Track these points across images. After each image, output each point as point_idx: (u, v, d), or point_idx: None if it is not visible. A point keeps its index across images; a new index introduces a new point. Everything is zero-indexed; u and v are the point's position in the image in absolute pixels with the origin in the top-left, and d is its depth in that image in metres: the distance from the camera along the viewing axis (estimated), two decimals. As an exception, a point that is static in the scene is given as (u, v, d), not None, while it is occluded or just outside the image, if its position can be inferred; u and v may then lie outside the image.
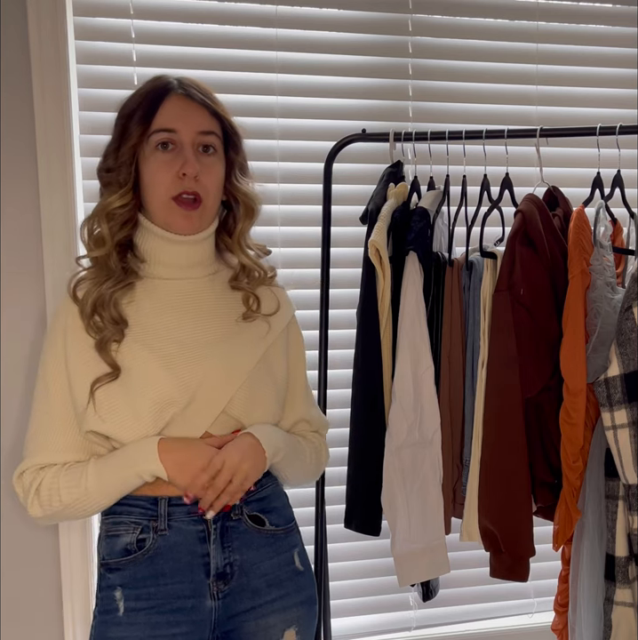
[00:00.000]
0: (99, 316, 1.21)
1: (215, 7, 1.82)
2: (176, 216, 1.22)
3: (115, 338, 1.21)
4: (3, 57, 1.68)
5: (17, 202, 1.73)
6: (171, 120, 1.20)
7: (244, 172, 1.31)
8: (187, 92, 1.23)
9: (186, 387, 1.21)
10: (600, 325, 1.53)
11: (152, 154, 1.21)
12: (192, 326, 1.25)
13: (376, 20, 1.90)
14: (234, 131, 1.28)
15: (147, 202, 1.24)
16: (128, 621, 1.19)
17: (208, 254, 1.30)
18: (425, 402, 1.62)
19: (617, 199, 1.65)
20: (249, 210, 1.30)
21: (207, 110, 1.23)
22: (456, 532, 1.70)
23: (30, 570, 1.83)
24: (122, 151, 1.21)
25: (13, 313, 1.75)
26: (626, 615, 1.54)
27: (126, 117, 1.22)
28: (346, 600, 2.05)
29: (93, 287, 1.23)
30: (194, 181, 1.20)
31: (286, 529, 1.31)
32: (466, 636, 2.13)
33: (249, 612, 1.25)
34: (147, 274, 1.27)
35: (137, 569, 1.20)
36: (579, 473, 1.58)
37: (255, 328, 1.30)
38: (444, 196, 1.71)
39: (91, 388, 1.19)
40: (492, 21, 1.97)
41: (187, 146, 1.21)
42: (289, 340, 1.37)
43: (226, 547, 1.23)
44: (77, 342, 1.22)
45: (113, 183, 1.22)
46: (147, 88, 1.23)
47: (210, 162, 1.23)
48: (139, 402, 1.19)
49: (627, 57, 2.04)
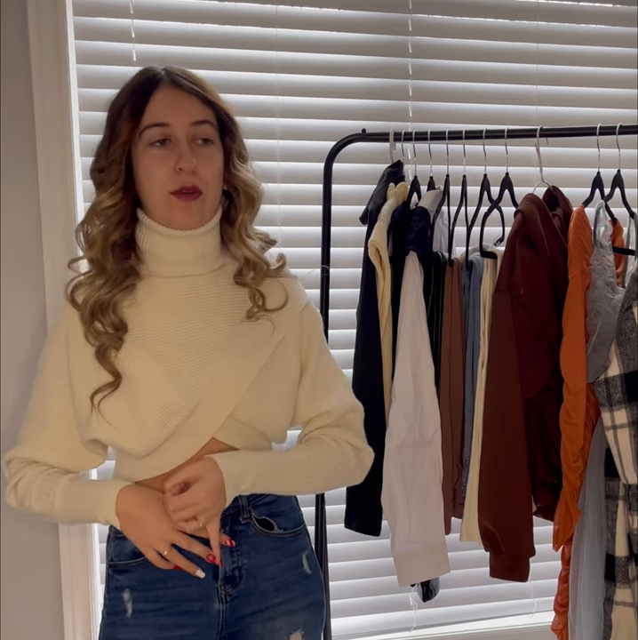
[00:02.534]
0: (99, 322, 1.19)
1: (215, 7, 1.82)
2: (176, 210, 1.18)
3: (114, 345, 1.19)
4: (4, 57, 1.68)
5: (17, 202, 1.73)
6: (162, 114, 1.16)
7: (243, 158, 1.26)
8: (175, 82, 1.18)
9: (191, 393, 1.18)
10: (600, 325, 1.53)
11: (145, 150, 1.17)
12: (196, 328, 1.21)
13: (376, 20, 1.90)
14: (228, 117, 1.22)
15: (146, 199, 1.20)
16: (136, 623, 1.19)
17: (212, 247, 1.25)
18: (425, 402, 1.62)
19: (617, 199, 1.65)
20: (249, 199, 1.25)
21: (198, 99, 1.18)
22: (456, 531, 1.70)
23: (30, 570, 1.83)
24: (112, 149, 1.17)
25: (13, 313, 1.75)
26: (626, 615, 1.54)
27: (115, 115, 1.18)
28: (346, 600, 2.04)
29: (92, 292, 1.20)
30: (192, 175, 1.16)
31: (295, 532, 1.29)
32: (466, 635, 2.13)
33: (256, 615, 1.24)
34: (149, 272, 1.23)
35: (145, 571, 1.19)
36: (579, 473, 1.58)
37: (260, 328, 1.25)
38: (444, 196, 1.71)
39: (92, 397, 1.17)
40: (492, 21, 1.97)
41: (181, 139, 1.16)
42: (303, 331, 1.30)
43: (234, 551, 1.22)
44: (79, 348, 1.20)
45: (105, 183, 1.19)
46: (135, 82, 1.19)
47: (207, 152, 1.19)
48: (142, 411, 1.16)
49: (627, 57, 2.04)
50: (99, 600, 1.85)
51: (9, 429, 1.70)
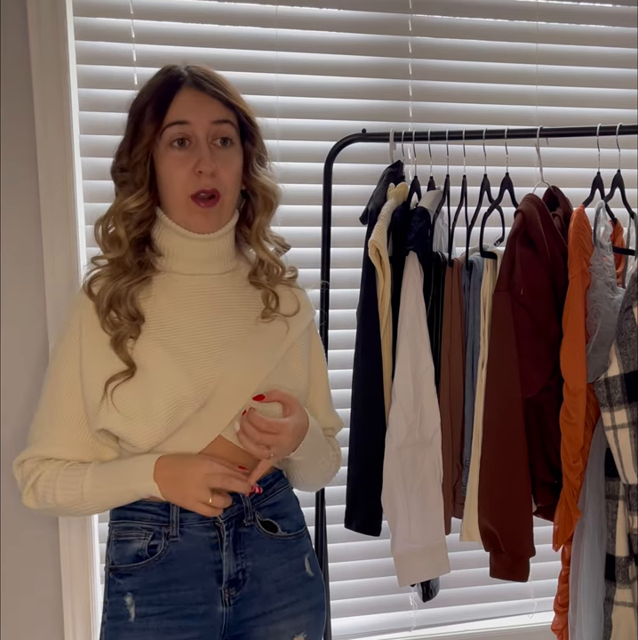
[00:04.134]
0: (115, 312, 1.19)
1: (215, 7, 1.82)
2: (195, 215, 1.19)
3: (131, 334, 1.19)
4: (4, 57, 1.68)
5: (17, 202, 1.73)
6: (184, 113, 1.17)
7: (262, 162, 1.27)
8: (198, 84, 1.19)
9: (202, 388, 1.18)
10: (600, 325, 1.53)
11: (167, 151, 1.18)
12: (211, 324, 1.22)
13: (376, 20, 1.90)
14: (249, 120, 1.23)
15: (166, 199, 1.21)
16: (140, 627, 1.18)
17: (228, 249, 1.26)
18: (425, 402, 1.62)
19: (617, 199, 1.65)
20: (267, 203, 1.26)
21: (221, 102, 1.20)
22: (456, 531, 1.70)
23: (30, 570, 1.83)
24: (136, 150, 1.18)
25: (13, 312, 1.75)
26: (626, 615, 1.54)
27: (138, 114, 1.19)
28: (346, 600, 2.05)
29: (109, 283, 1.20)
30: (210, 178, 1.17)
31: (297, 534, 1.30)
32: (466, 635, 2.13)
33: (259, 618, 1.24)
34: (165, 268, 1.24)
35: (148, 575, 1.19)
36: (579, 473, 1.58)
37: (274, 329, 1.27)
38: (444, 196, 1.71)
39: (106, 386, 1.17)
40: (492, 21, 1.97)
41: (201, 140, 1.17)
42: (311, 344, 1.34)
43: (238, 553, 1.22)
44: (93, 338, 1.20)
45: (128, 183, 1.20)
46: (158, 82, 1.20)
47: (227, 155, 1.20)
48: (154, 402, 1.16)
49: (627, 57, 2.04)
50: (100, 600, 1.85)
51: (9, 429, 1.71)
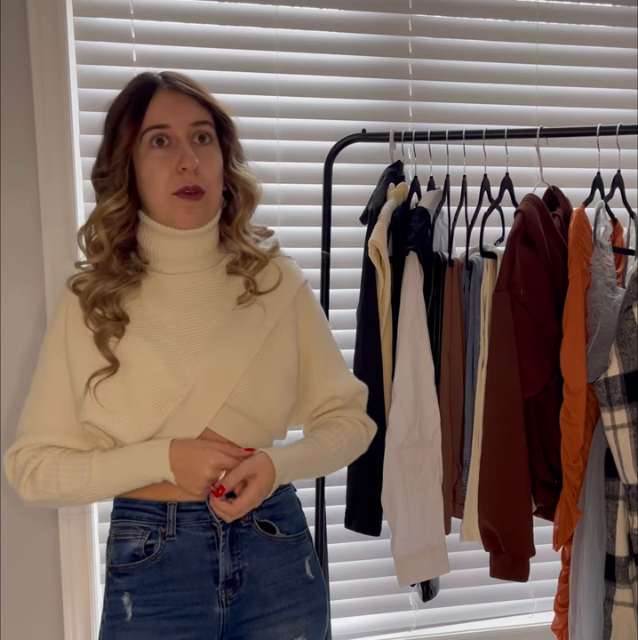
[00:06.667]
0: (100, 310, 1.19)
1: (215, 7, 1.82)
2: (179, 210, 1.19)
3: (116, 332, 1.19)
4: (4, 57, 1.68)
5: (17, 201, 1.73)
6: (162, 116, 1.18)
7: (241, 158, 1.28)
8: (173, 85, 1.19)
9: (184, 380, 1.19)
10: (600, 325, 1.53)
11: (147, 152, 1.18)
12: (194, 320, 1.23)
13: (376, 20, 1.90)
14: (225, 118, 1.25)
15: (148, 200, 1.21)
16: (136, 626, 1.18)
17: (212, 246, 1.27)
18: (425, 402, 1.62)
19: (617, 199, 1.65)
20: (249, 197, 1.27)
21: (196, 100, 1.20)
22: (456, 531, 1.70)
23: (30, 570, 1.83)
24: (114, 154, 1.18)
25: (13, 312, 1.75)
26: (626, 615, 1.54)
27: (115, 120, 1.19)
28: (346, 600, 2.04)
29: (94, 284, 1.21)
30: (194, 175, 1.18)
31: (298, 537, 1.28)
32: (466, 635, 2.13)
33: (257, 620, 1.23)
34: (153, 270, 1.25)
35: (145, 574, 1.19)
36: (579, 473, 1.58)
37: (252, 314, 1.26)
38: (444, 196, 1.71)
39: (89, 380, 1.17)
40: (492, 21, 1.97)
41: (182, 140, 1.18)
42: (298, 314, 1.31)
43: (235, 554, 1.21)
44: (77, 330, 1.20)
45: (108, 187, 1.20)
46: (132, 87, 1.21)
47: (207, 152, 1.20)
48: (136, 396, 1.17)
49: (627, 57, 2.04)
50: (100, 599, 1.85)
51: (8, 426, 1.71)
